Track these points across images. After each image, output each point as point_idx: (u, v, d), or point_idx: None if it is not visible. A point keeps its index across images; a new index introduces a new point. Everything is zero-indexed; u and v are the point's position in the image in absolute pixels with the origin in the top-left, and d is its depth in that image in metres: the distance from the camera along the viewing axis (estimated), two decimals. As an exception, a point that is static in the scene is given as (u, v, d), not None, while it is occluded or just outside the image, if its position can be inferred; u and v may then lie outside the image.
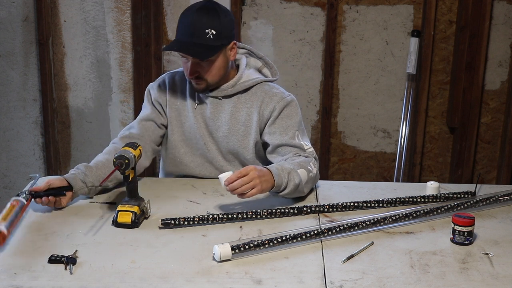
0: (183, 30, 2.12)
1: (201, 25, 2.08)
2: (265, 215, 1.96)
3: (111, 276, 1.60)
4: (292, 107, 2.22)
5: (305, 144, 2.19)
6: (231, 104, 2.23)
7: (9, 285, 1.55)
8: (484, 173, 3.63)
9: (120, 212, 1.89)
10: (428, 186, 2.14)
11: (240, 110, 2.22)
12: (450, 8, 3.41)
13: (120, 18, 3.48)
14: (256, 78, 2.25)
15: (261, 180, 1.94)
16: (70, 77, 3.58)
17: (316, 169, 2.14)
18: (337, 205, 2.02)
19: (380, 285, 1.58)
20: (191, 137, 2.27)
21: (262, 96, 2.22)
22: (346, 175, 3.66)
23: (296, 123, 2.21)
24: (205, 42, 2.09)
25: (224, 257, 1.67)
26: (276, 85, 2.29)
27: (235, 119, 2.22)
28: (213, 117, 2.23)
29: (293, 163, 2.08)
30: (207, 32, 2.08)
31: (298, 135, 2.19)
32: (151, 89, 2.32)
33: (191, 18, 2.10)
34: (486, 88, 3.51)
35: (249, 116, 2.22)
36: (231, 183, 1.91)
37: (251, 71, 2.27)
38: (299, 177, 2.04)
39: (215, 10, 2.12)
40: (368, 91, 3.54)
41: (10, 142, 3.67)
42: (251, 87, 2.23)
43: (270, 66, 2.34)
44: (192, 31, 2.09)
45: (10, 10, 3.48)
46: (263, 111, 2.21)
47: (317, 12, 3.44)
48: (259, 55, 2.33)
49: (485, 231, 1.89)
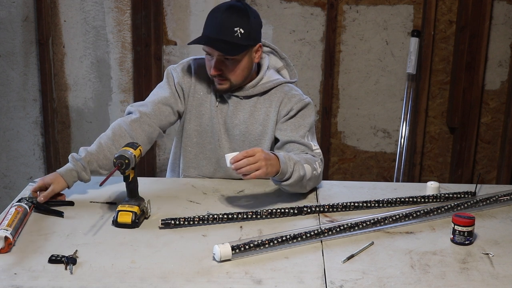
0: (211, 27, 2.11)
1: (230, 23, 2.08)
2: (265, 215, 1.96)
3: (111, 276, 1.60)
4: (308, 109, 2.23)
5: (314, 144, 2.19)
6: (250, 103, 2.23)
7: (9, 285, 1.55)
8: (484, 173, 3.63)
9: (120, 212, 1.89)
10: (428, 186, 2.14)
11: (259, 110, 2.23)
12: (450, 8, 3.41)
13: (120, 18, 3.48)
14: (277, 79, 2.25)
15: (267, 163, 1.93)
16: (70, 77, 3.58)
17: (320, 169, 2.14)
18: (337, 205, 2.02)
19: (380, 285, 1.58)
20: (207, 130, 2.26)
21: (282, 97, 2.22)
22: (346, 175, 3.66)
23: (309, 124, 2.22)
24: (232, 40, 2.08)
25: (224, 257, 1.67)
26: (295, 87, 2.29)
27: (254, 119, 2.23)
28: (232, 115, 2.23)
29: (300, 157, 2.09)
30: (235, 30, 2.08)
31: (308, 136, 2.20)
32: (173, 71, 2.27)
33: (220, 15, 2.09)
34: (486, 88, 3.51)
35: (267, 116, 2.22)
36: (237, 161, 1.90)
37: (271, 72, 2.27)
38: (304, 170, 2.05)
39: (245, 10, 2.12)
40: (368, 91, 3.54)
41: (10, 142, 3.67)
42: (271, 88, 2.24)
43: (291, 68, 2.34)
44: (220, 28, 2.08)
45: (10, 10, 3.48)
46: (281, 110, 2.22)
47: (317, 12, 3.44)
48: (282, 55, 2.34)
49: (485, 231, 1.89)
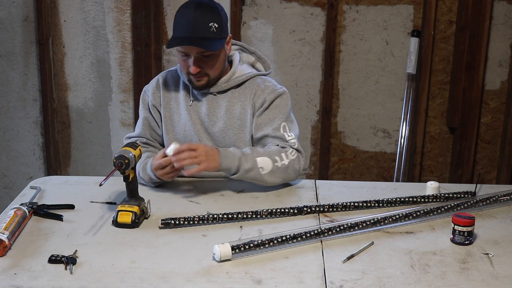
0: (186, 26, 2.12)
1: (204, 20, 2.10)
2: (265, 215, 1.96)
3: (111, 276, 1.60)
4: (282, 98, 2.24)
5: (288, 135, 2.20)
6: (226, 99, 2.25)
7: (9, 285, 1.55)
8: (484, 173, 3.63)
9: (120, 212, 1.89)
10: (428, 186, 2.14)
11: (235, 104, 2.25)
12: (450, 8, 3.41)
13: (120, 18, 3.48)
14: (250, 72, 2.27)
15: (208, 158, 2.02)
16: (70, 77, 3.58)
17: (288, 160, 2.14)
18: (337, 205, 2.02)
19: (380, 285, 1.58)
20: (186, 135, 2.28)
21: (255, 89, 2.25)
22: (346, 175, 3.66)
23: (284, 114, 2.23)
24: (210, 35, 2.10)
25: (224, 257, 1.67)
26: (269, 78, 2.32)
27: (231, 113, 2.24)
28: (209, 113, 2.25)
29: (257, 150, 2.13)
30: (210, 25, 2.10)
31: (285, 126, 2.22)
32: (147, 92, 2.33)
33: (192, 14, 2.10)
34: (486, 88, 3.51)
35: (243, 109, 2.24)
36: (179, 154, 2.00)
37: (244, 66, 2.30)
38: (253, 163, 2.08)
39: (213, 5, 2.16)
40: (368, 91, 3.54)
41: (10, 142, 3.67)
42: (244, 82, 2.26)
43: (263, 60, 2.37)
44: (196, 26, 2.10)
45: (10, 10, 3.48)
46: (255, 103, 2.24)
47: (317, 12, 3.44)
48: (251, 50, 2.37)
49: (485, 231, 1.89)
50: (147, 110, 2.32)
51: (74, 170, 3.71)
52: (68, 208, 2.01)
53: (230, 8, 3.42)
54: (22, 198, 2.10)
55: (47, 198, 2.11)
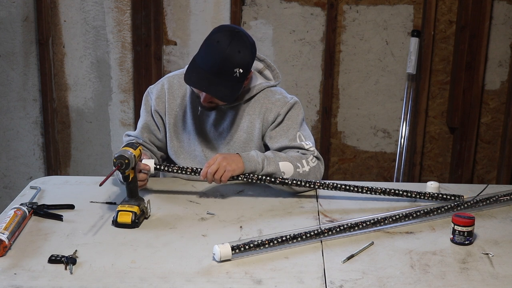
0: (211, 64, 2.03)
1: (231, 64, 2.02)
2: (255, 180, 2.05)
3: (111, 276, 1.60)
4: (295, 109, 2.22)
5: (306, 144, 2.18)
6: (233, 111, 2.22)
7: (9, 285, 1.55)
8: (484, 173, 3.63)
9: (120, 212, 1.89)
10: (428, 186, 2.14)
11: (243, 117, 2.21)
12: (450, 8, 3.41)
13: (120, 18, 3.48)
14: (259, 84, 2.22)
15: (228, 161, 2.02)
16: (70, 77, 3.58)
17: (309, 166, 2.13)
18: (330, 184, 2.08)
19: (380, 285, 1.58)
20: (190, 144, 2.26)
21: (266, 103, 2.21)
22: (346, 175, 3.66)
23: (298, 124, 2.21)
24: (232, 81, 2.05)
25: (224, 257, 1.67)
26: (279, 88, 2.27)
27: (237, 126, 2.21)
28: (215, 124, 2.22)
29: (279, 155, 2.11)
30: (235, 71, 2.03)
31: (300, 136, 2.19)
32: (151, 94, 2.28)
33: (223, 52, 2.01)
34: (486, 88, 3.51)
35: (251, 123, 2.21)
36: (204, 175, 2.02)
37: (253, 76, 2.23)
38: (275, 167, 2.07)
39: (245, 41, 2.07)
40: (368, 91, 3.54)
41: (10, 142, 3.67)
42: (254, 96, 2.22)
43: (272, 68, 2.32)
44: (220, 69, 2.02)
45: (10, 10, 3.48)
46: (267, 117, 2.20)
47: (317, 12, 3.44)
48: (261, 57, 2.31)
49: (485, 231, 1.89)
50: (149, 114, 2.27)
51: (74, 170, 3.71)
52: (68, 208, 2.01)
53: (230, 8, 3.42)
54: (22, 198, 2.10)
55: (47, 198, 2.11)
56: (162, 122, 2.27)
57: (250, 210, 2.02)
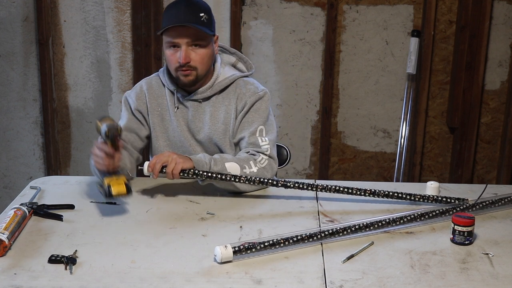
0: (177, 17, 2.12)
1: (195, 10, 2.12)
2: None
3: (111, 276, 1.60)
4: (263, 101, 2.24)
5: (262, 140, 2.20)
6: (210, 104, 2.25)
7: (9, 285, 1.55)
8: (484, 173, 3.63)
9: (111, 185, 1.89)
10: (428, 186, 2.14)
11: (219, 109, 2.25)
12: (450, 8, 3.41)
13: (120, 18, 3.48)
14: (232, 75, 2.27)
15: (178, 156, 2.02)
16: (70, 77, 3.58)
17: (257, 168, 2.12)
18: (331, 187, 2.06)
19: (380, 285, 1.58)
20: (176, 141, 2.28)
21: (238, 93, 2.25)
22: (346, 175, 3.66)
23: (263, 118, 2.23)
24: (201, 24, 2.12)
25: (225, 259, 1.67)
26: (251, 79, 2.31)
27: (215, 119, 2.24)
28: (194, 119, 2.25)
29: (225, 157, 2.12)
30: (201, 15, 2.12)
31: (261, 130, 2.21)
32: (129, 97, 2.31)
33: (183, 6, 2.11)
34: (486, 88, 3.51)
35: (227, 113, 2.24)
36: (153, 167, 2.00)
37: (226, 69, 2.29)
38: (222, 168, 2.08)
39: (202, 2, 2.18)
40: (368, 91, 3.54)
41: (10, 142, 3.67)
42: (228, 86, 2.26)
43: (244, 60, 2.36)
44: (187, 15, 2.11)
45: (10, 10, 3.48)
46: (237, 106, 2.24)
47: (317, 12, 3.44)
48: (232, 50, 2.36)
49: (485, 231, 1.89)
50: (130, 113, 2.29)
51: (74, 170, 3.71)
52: (68, 208, 2.01)
53: (230, 8, 3.42)
54: (22, 198, 2.10)
55: (47, 198, 2.11)
56: (146, 121, 2.30)
57: (250, 210, 2.02)
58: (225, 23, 3.45)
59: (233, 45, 3.42)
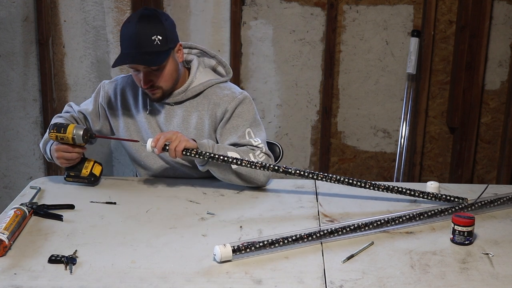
0: (128, 43, 2.09)
1: (146, 34, 2.06)
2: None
3: (111, 276, 1.60)
4: (244, 104, 2.23)
5: (254, 140, 2.20)
6: (182, 109, 2.24)
7: (9, 285, 1.55)
8: (484, 173, 3.63)
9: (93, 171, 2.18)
10: (428, 186, 2.14)
11: (192, 114, 2.23)
12: (450, 8, 3.41)
13: (120, 18, 3.48)
14: (207, 81, 2.24)
15: (183, 136, 2.04)
16: (70, 77, 3.58)
17: (256, 160, 2.12)
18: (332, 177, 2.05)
19: (380, 285, 1.58)
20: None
21: (214, 99, 2.22)
22: (346, 175, 3.65)
23: (248, 121, 2.22)
24: (153, 49, 2.07)
25: (224, 258, 1.67)
26: (229, 84, 2.29)
27: (187, 123, 2.23)
28: (165, 122, 2.25)
29: (227, 147, 2.13)
30: (153, 39, 2.07)
31: (249, 132, 2.21)
32: (102, 89, 2.36)
33: (135, 29, 2.07)
34: (486, 88, 3.51)
35: (200, 119, 2.23)
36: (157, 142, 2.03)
37: (203, 73, 2.26)
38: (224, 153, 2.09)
39: (156, 16, 2.11)
40: (368, 91, 3.54)
41: (10, 142, 3.67)
42: (202, 91, 2.24)
43: (224, 64, 2.34)
44: (138, 42, 2.07)
45: (10, 10, 3.48)
46: (215, 113, 2.22)
47: (317, 12, 3.44)
48: (212, 54, 2.33)
49: (485, 231, 1.89)
50: (95, 104, 2.36)
51: (74, 170, 3.70)
52: (68, 208, 2.01)
53: (230, 8, 3.42)
54: (22, 198, 2.10)
55: (47, 198, 2.11)
56: (106, 118, 2.34)
57: (250, 210, 2.03)
58: (225, 23, 3.45)
59: (233, 45, 3.42)
